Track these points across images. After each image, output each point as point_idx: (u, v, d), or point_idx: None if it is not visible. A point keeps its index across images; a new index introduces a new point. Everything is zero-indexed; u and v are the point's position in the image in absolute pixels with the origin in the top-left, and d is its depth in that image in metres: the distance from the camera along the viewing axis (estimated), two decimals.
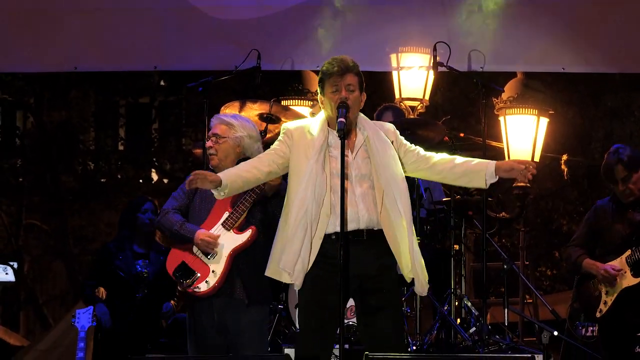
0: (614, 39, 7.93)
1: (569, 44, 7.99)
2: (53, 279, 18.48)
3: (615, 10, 7.94)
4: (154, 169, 18.63)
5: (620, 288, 6.55)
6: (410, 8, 8.08)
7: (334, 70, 5.26)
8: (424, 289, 5.28)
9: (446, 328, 7.37)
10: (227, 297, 5.76)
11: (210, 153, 5.95)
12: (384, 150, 5.26)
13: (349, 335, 6.65)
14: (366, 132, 5.30)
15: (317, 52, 8.07)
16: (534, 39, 8.02)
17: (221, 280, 5.72)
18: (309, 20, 8.08)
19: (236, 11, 8.06)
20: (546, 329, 6.95)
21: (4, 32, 8.22)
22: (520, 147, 8.85)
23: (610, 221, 6.76)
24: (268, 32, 7.96)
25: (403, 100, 9.00)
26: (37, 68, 9.09)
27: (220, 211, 5.82)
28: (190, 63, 7.90)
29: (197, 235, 5.75)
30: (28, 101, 17.73)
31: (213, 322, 5.79)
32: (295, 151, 5.28)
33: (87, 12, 8.22)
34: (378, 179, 5.21)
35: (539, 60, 8.12)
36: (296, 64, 8.14)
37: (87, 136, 18.56)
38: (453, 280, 7.63)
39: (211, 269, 5.74)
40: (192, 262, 5.77)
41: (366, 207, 5.21)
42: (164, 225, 5.92)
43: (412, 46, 8.43)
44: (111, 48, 8.24)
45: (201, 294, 5.73)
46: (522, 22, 8.01)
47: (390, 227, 5.19)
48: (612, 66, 8.16)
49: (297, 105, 8.54)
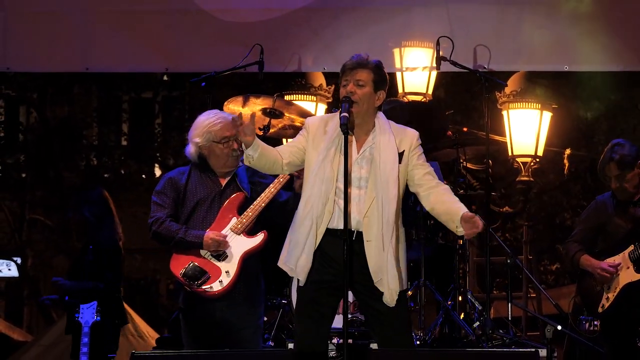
0: (615, 37, 7.93)
1: (572, 42, 7.98)
2: (56, 274, 18.48)
3: (616, 7, 7.93)
4: (157, 164, 18.65)
5: (622, 283, 6.54)
6: (413, 4, 8.08)
7: (347, 64, 5.28)
8: (392, 300, 5.20)
9: (450, 323, 7.37)
10: (230, 297, 5.75)
11: (237, 155, 5.90)
12: (387, 157, 5.23)
13: (352, 330, 6.65)
14: (377, 135, 5.28)
15: (322, 53, 8.11)
16: (536, 37, 8.02)
17: (234, 281, 5.71)
18: (314, 22, 8.11)
19: (243, 14, 8.12)
20: (550, 324, 6.94)
21: (16, 32, 8.26)
22: (523, 142, 8.85)
23: (611, 216, 6.74)
24: (274, 34, 8.01)
25: (406, 95, 9.01)
26: (48, 68, 9.16)
27: (227, 216, 5.80)
28: (200, 64, 7.92)
29: (206, 236, 5.71)
30: (31, 96, 17.73)
31: (213, 319, 5.78)
32: (310, 146, 5.29)
33: (98, 13, 8.27)
34: (374, 185, 5.19)
35: (540, 59, 8.11)
36: (302, 66, 8.17)
37: (90, 131, 18.57)
38: (457, 275, 7.63)
39: (224, 270, 5.72)
40: (202, 264, 5.74)
41: (357, 210, 5.20)
42: (162, 235, 5.81)
43: (415, 40, 8.43)
44: (122, 49, 8.28)
45: (213, 294, 5.70)
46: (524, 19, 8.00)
47: (369, 232, 5.18)
48: (614, 64, 8.15)
49: (300, 100, 8.55)
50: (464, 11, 8.00)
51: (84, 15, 8.25)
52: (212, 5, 8.14)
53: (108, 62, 8.48)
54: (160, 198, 5.91)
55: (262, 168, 5.31)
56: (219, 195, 5.87)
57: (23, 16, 8.25)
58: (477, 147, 8.17)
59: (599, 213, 6.82)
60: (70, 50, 8.31)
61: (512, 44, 8.02)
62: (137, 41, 8.24)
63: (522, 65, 8.33)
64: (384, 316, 5.25)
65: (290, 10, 8.11)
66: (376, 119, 5.34)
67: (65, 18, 8.25)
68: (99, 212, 7.82)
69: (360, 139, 5.29)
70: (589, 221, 6.87)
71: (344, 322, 5.08)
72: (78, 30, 8.25)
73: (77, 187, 15.73)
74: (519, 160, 8.97)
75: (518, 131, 8.83)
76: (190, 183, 5.91)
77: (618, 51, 7.95)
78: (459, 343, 7.21)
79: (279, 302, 7.26)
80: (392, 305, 5.20)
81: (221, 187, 5.89)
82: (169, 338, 7.61)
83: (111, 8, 8.25)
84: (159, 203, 5.89)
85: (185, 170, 5.99)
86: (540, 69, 8.65)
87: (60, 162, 17.20)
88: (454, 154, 7.91)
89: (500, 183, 13.91)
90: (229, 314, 5.77)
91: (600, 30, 7.92)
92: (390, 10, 8.09)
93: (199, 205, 5.87)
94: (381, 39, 8.09)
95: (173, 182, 5.92)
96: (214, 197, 5.87)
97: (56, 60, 8.40)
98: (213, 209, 5.84)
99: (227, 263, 5.74)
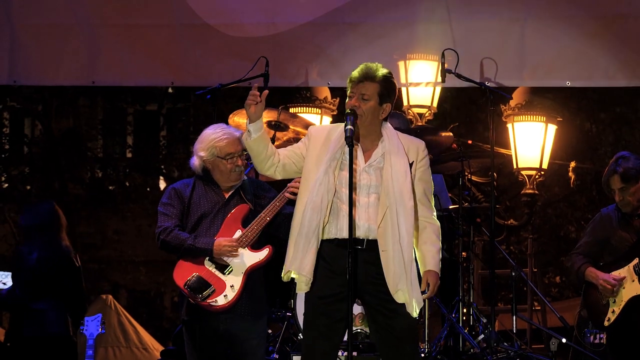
0: (617, 53, 7.94)
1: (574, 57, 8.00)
2: None
3: (617, 23, 7.94)
4: (161, 176, 18.67)
5: (628, 297, 6.52)
6: (417, 18, 8.10)
7: (354, 76, 5.23)
8: (412, 312, 5.15)
9: (454, 335, 7.36)
10: (235, 310, 5.73)
11: (240, 170, 5.89)
12: (399, 166, 5.19)
13: (356, 343, 6.65)
14: (387, 144, 5.26)
15: (327, 68, 8.14)
16: (538, 53, 8.04)
17: (239, 296, 5.68)
18: (319, 37, 8.15)
19: (248, 29, 8.16)
20: (555, 337, 6.94)
21: (22, 45, 8.31)
22: (528, 154, 8.87)
23: (616, 229, 6.72)
24: (279, 49, 8.04)
25: (411, 108, 9.02)
26: (55, 82, 9.21)
27: (231, 229, 5.78)
28: (206, 79, 7.94)
29: (217, 243, 5.69)
30: (36, 109, 17.77)
31: (218, 332, 5.77)
32: (309, 154, 5.26)
33: (105, 27, 8.32)
34: (386, 194, 5.15)
35: (543, 75, 8.12)
36: (307, 80, 8.20)
37: (95, 144, 18.60)
38: (461, 288, 7.62)
39: (229, 284, 5.69)
40: (206, 276, 5.71)
41: (367, 217, 5.16)
42: (171, 243, 5.77)
43: (420, 53, 8.44)
44: (128, 63, 8.35)
45: (219, 308, 5.67)
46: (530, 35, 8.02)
47: (386, 243, 5.13)
48: (616, 80, 8.16)
49: (305, 112, 8.56)
50: (467, 28, 8.02)
51: (91, 29, 8.30)
52: (218, 20, 8.18)
53: (114, 75, 8.53)
54: (166, 209, 5.89)
55: (256, 155, 5.23)
56: (222, 208, 5.87)
57: (30, 30, 8.29)
58: (482, 160, 8.17)
59: (603, 226, 6.80)
60: (76, 64, 8.35)
61: (514, 60, 8.04)
62: (143, 55, 8.28)
63: (524, 81, 8.34)
64: (391, 329, 5.18)
65: (296, 25, 8.14)
66: (383, 129, 5.32)
67: (71, 32, 8.30)
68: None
69: (368, 148, 5.26)
70: (593, 234, 6.84)
71: (349, 335, 5.07)
72: (84, 44, 8.30)
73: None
74: (523, 173, 8.99)
75: (523, 144, 8.85)
76: (194, 195, 5.90)
77: (620, 67, 7.96)
78: (464, 356, 7.21)
79: (284, 314, 7.26)
80: (414, 316, 5.17)
81: (225, 200, 5.89)
82: (173, 350, 7.59)
83: (117, 22, 8.29)
84: (166, 213, 5.88)
85: (189, 183, 5.99)
86: (542, 84, 8.64)
87: (64, 174, 17.22)
88: (458, 166, 7.91)
89: (505, 196, 13.91)
90: (232, 326, 5.76)
91: (602, 45, 7.94)
92: (394, 25, 8.11)
93: (203, 218, 5.86)
94: (386, 52, 8.10)
95: (178, 193, 5.92)
96: (218, 209, 5.86)
97: (62, 73, 8.45)
98: (217, 222, 5.83)
99: (232, 277, 5.72)
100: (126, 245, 18.17)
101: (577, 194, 15.39)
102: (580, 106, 14.29)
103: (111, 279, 18.64)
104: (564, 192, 14.74)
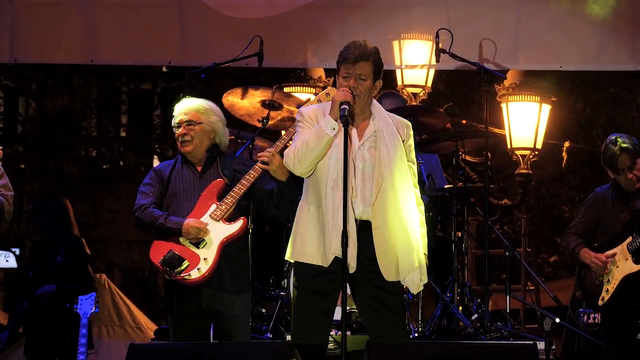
0: (610, 37, 7.96)
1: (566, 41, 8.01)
2: None
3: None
4: (155, 155, 18.64)
5: (622, 275, 6.54)
6: (415, 1, 8.12)
7: (348, 56, 5.20)
8: (416, 287, 5.21)
9: (448, 315, 7.38)
10: (216, 285, 5.72)
11: (185, 140, 5.86)
12: (392, 143, 5.21)
13: (351, 322, 6.66)
14: (378, 122, 5.26)
15: (325, 49, 8.14)
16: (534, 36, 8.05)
17: (213, 268, 5.67)
18: (317, 19, 8.16)
19: (247, 9, 8.19)
20: (548, 316, 6.96)
21: (21, 23, 8.33)
22: (522, 134, 8.87)
23: (611, 209, 6.73)
24: (278, 31, 8.05)
25: (405, 87, 9.02)
26: (55, 59, 9.23)
27: (206, 203, 5.77)
28: (203, 58, 7.94)
29: (186, 224, 5.68)
30: (30, 87, 17.73)
31: (200, 308, 5.76)
32: None
33: (103, 6, 8.35)
34: (380, 171, 5.16)
35: (537, 58, 8.14)
36: (303, 61, 8.21)
37: (89, 122, 18.56)
38: (455, 268, 7.64)
39: (202, 257, 5.68)
40: (181, 251, 5.70)
41: (362, 197, 5.19)
42: (144, 221, 5.81)
43: (415, 33, 8.43)
44: (126, 42, 8.39)
45: (192, 281, 5.66)
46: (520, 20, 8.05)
47: (383, 220, 5.15)
48: (608, 64, 8.18)
49: (299, 92, 8.55)
50: (463, 11, 8.03)
51: (90, 8, 8.34)
52: (217, 0, 8.18)
53: (112, 54, 8.55)
54: (145, 187, 5.94)
55: (319, 156, 5.19)
56: (197, 183, 5.87)
57: (30, 8, 8.33)
58: (476, 140, 8.18)
59: (598, 205, 6.81)
60: (76, 42, 8.39)
61: (508, 43, 8.04)
62: (142, 34, 8.32)
63: (518, 64, 8.34)
64: (379, 305, 5.21)
65: (294, 7, 8.14)
66: (372, 106, 5.33)
67: (70, 11, 8.34)
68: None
69: (359, 127, 5.27)
70: (588, 214, 6.85)
71: (343, 314, 5.08)
72: (84, 23, 8.35)
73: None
74: (517, 153, 9.00)
75: (517, 124, 8.85)
76: (173, 173, 5.92)
77: (612, 50, 7.98)
78: (457, 335, 7.23)
79: (277, 294, 7.27)
80: (414, 292, 5.26)
81: (198, 175, 5.88)
82: (167, 329, 7.61)
83: (116, 1, 8.31)
84: (144, 192, 5.93)
85: (171, 163, 6.01)
86: (536, 67, 8.65)
87: (59, 153, 17.19)
88: (453, 146, 7.91)
89: (499, 176, 13.92)
90: (214, 303, 5.74)
91: (593, 29, 7.95)
92: (391, 8, 8.12)
93: (178, 194, 5.87)
94: (384, 35, 8.10)
95: (159, 173, 5.96)
96: (192, 185, 5.86)
97: (62, 52, 8.49)
98: (192, 197, 5.83)
99: (205, 250, 5.71)
100: (120, 225, 18.15)
101: (571, 174, 15.40)
102: (574, 86, 14.29)
103: (105, 258, 18.64)
104: (558, 172, 14.74)
